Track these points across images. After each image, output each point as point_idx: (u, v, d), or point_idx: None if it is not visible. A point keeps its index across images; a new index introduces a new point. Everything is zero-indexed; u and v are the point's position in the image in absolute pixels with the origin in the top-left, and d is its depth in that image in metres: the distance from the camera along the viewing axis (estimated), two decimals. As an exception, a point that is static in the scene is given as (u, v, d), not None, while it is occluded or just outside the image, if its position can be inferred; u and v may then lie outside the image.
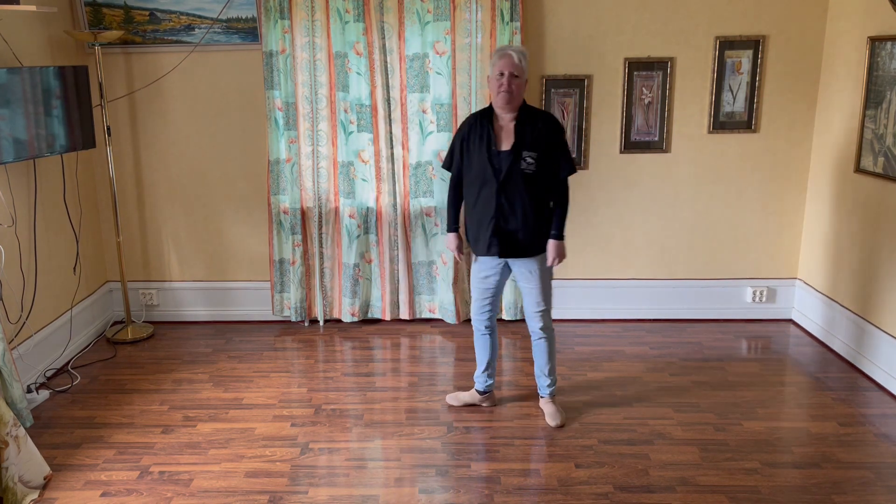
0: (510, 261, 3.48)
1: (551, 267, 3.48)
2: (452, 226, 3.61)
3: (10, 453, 2.99)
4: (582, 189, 4.69)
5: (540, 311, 3.51)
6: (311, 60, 4.45)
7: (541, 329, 3.55)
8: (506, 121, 3.38)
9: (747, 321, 4.88)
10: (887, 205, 3.92)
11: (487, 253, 3.45)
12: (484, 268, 3.54)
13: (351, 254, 4.71)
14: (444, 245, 3.74)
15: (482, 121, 3.41)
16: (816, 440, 3.43)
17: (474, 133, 3.42)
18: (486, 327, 3.64)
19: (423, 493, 3.07)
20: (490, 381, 3.72)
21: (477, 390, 3.75)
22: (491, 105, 3.43)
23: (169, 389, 4.01)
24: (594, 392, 3.91)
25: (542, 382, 3.68)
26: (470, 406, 3.76)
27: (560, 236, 3.42)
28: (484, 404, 3.76)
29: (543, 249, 3.43)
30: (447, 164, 3.58)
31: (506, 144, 3.35)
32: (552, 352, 3.62)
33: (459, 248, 3.66)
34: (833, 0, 4.39)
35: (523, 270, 3.47)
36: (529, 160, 3.30)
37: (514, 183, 3.34)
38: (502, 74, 3.27)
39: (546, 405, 3.67)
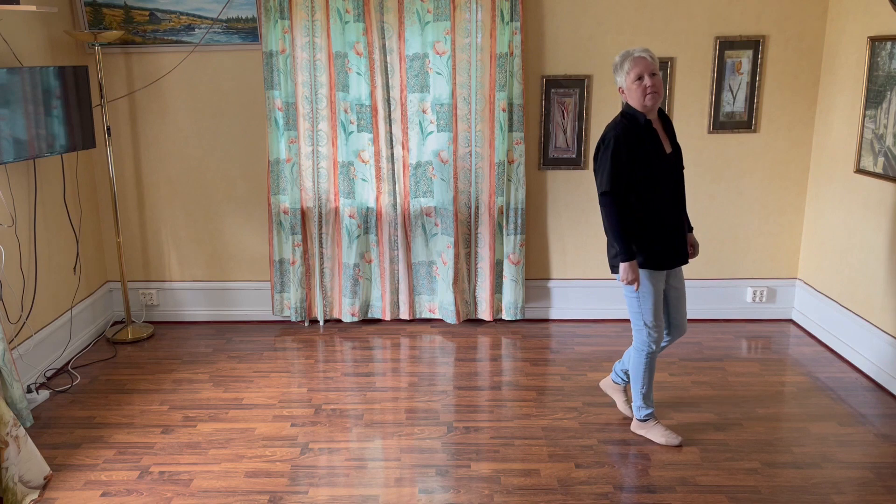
0: (673, 270, 3.35)
1: None
2: (633, 252, 3.18)
3: (10, 453, 2.99)
4: (582, 189, 4.69)
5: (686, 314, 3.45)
6: (311, 60, 4.45)
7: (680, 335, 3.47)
8: (654, 122, 3.24)
9: (747, 321, 4.88)
10: (887, 205, 3.92)
11: (678, 263, 3.27)
12: (658, 283, 3.25)
13: (351, 254, 4.71)
14: (624, 277, 3.18)
15: (637, 128, 3.15)
16: (816, 440, 3.43)
17: (642, 140, 3.15)
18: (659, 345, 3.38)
19: (423, 493, 3.07)
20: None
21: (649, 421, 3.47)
22: (624, 113, 3.21)
23: (169, 389, 4.01)
24: (594, 392, 3.91)
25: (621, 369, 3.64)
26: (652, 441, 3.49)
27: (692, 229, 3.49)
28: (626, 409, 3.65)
29: None
30: (615, 188, 3.13)
31: (666, 147, 3.23)
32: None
33: (638, 276, 3.22)
34: (833, 0, 4.39)
35: (682, 275, 3.40)
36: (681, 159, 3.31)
37: (680, 185, 3.26)
38: (641, 78, 3.10)
39: (618, 393, 3.69)
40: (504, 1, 4.33)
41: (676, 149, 3.29)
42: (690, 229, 3.49)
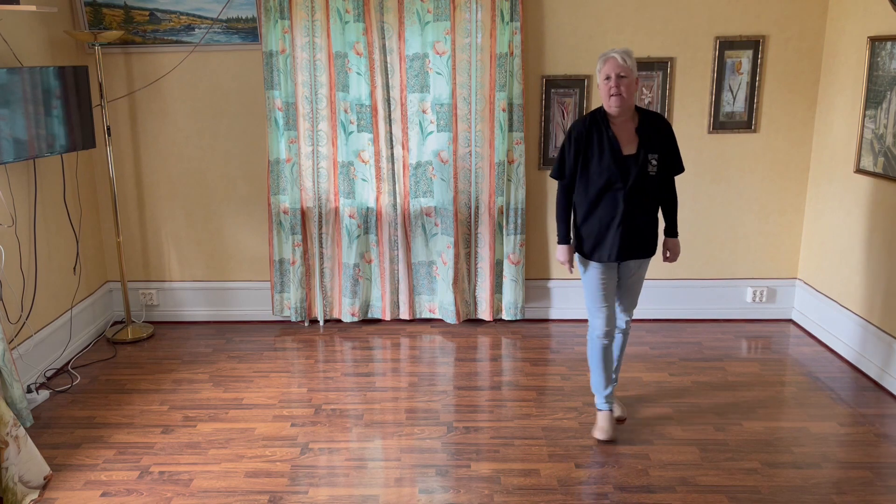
0: (625, 263, 3.43)
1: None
2: (566, 237, 3.43)
3: (10, 453, 2.99)
4: (582, 189, 4.69)
5: (633, 308, 3.55)
6: (311, 60, 4.45)
7: (626, 323, 3.57)
8: (623, 123, 3.28)
9: (747, 321, 4.88)
10: (887, 205, 3.92)
11: (609, 259, 3.35)
12: (604, 274, 3.40)
13: (351, 254, 4.71)
14: (557, 257, 3.59)
15: (598, 126, 3.28)
16: (816, 440, 3.43)
17: (591, 138, 3.29)
18: (611, 335, 3.48)
19: (423, 493, 3.07)
20: (610, 388, 3.55)
21: (610, 411, 3.53)
22: (597, 110, 3.33)
23: (169, 389, 4.01)
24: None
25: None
26: (621, 421, 3.62)
27: (677, 233, 3.50)
28: (623, 416, 3.65)
29: (655, 249, 3.45)
30: (559, 174, 3.39)
31: (629, 148, 3.26)
32: (625, 347, 3.67)
33: (571, 260, 3.47)
34: (833, 0, 4.40)
35: (638, 271, 3.46)
36: (654, 162, 3.27)
37: (639, 186, 3.28)
38: (608, 78, 3.17)
39: None
40: (504, 1, 4.33)
41: (645, 152, 3.26)
42: (673, 234, 3.49)
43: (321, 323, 4.86)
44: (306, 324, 4.89)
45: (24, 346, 3.96)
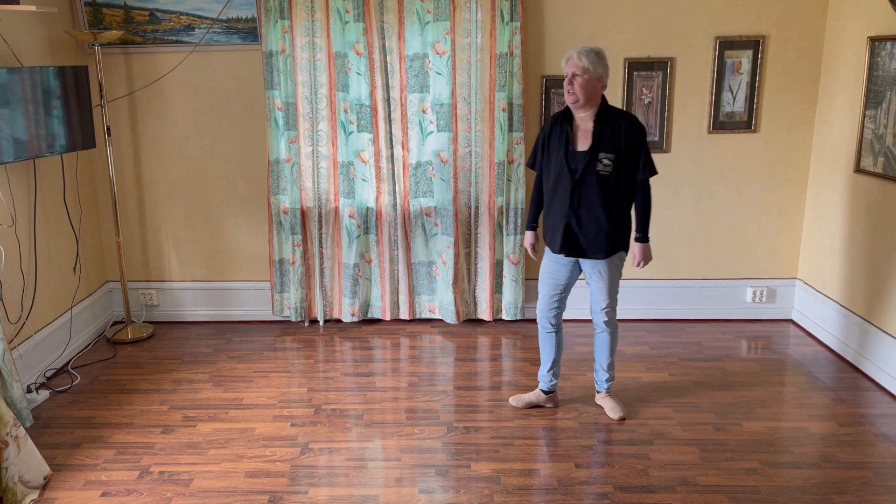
0: (581, 260, 3.49)
1: (621, 267, 3.51)
2: (531, 224, 3.66)
3: (10, 453, 2.99)
4: (582, 189, 4.69)
5: (604, 309, 3.55)
6: (311, 60, 4.45)
7: (604, 324, 3.59)
8: (584, 121, 3.35)
9: (747, 321, 4.88)
10: (887, 205, 3.92)
11: (559, 252, 3.47)
12: (555, 265, 3.54)
13: (351, 254, 4.71)
14: (524, 241, 3.85)
15: (562, 121, 3.41)
16: (816, 440, 3.43)
17: (555, 132, 3.42)
18: (553, 325, 3.65)
19: (423, 493, 3.07)
20: (554, 381, 3.72)
21: (542, 390, 3.74)
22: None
23: (169, 389, 4.01)
24: (594, 392, 3.91)
25: (601, 377, 3.71)
26: (534, 407, 3.74)
27: (645, 238, 3.45)
28: (548, 405, 3.75)
29: (615, 251, 3.43)
30: (531, 163, 3.60)
31: (583, 145, 3.34)
32: (613, 347, 3.65)
33: (534, 247, 3.69)
34: (833, 0, 4.39)
35: (594, 271, 3.48)
36: (606, 162, 3.29)
37: (588, 184, 3.33)
38: (566, 77, 3.29)
39: (604, 400, 3.72)
40: (504, 1, 4.33)
41: (597, 150, 3.29)
42: (641, 239, 3.46)
43: (321, 323, 4.86)
44: (306, 324, 4.89)
45: (24, 346, 3.96)
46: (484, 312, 4.84)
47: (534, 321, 4.88)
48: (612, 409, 3.66)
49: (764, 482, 3.12)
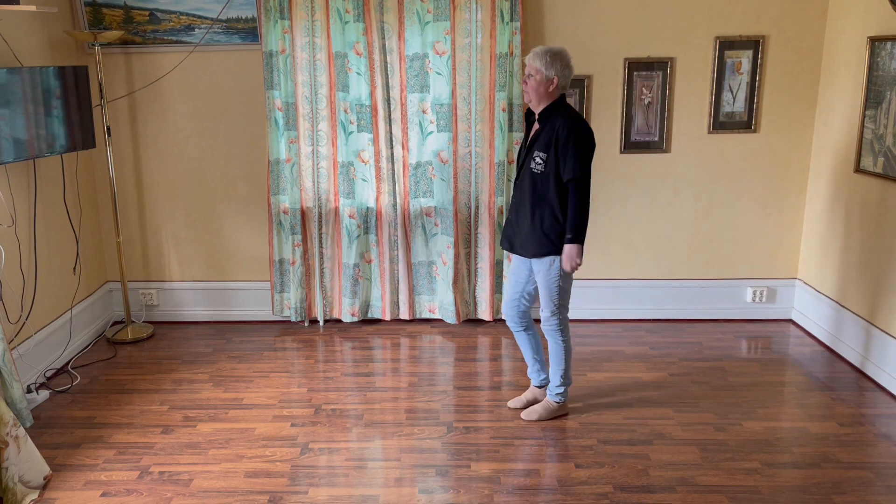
0: (532, 260, 3.49)
1: (559, 276, 3.41)
2: None
3: (10, 453, 2.99)
4: (582, 189, 4.69)
5: (544, 314, 3.52)
6: (311, 60, 4.45)
7: (547, 329, 3.55)
8: (539, 119, 3.43)
9: (747, 321, 4.88)
10: (887, 205, 3.92)
11: (503, 245, 3.61)
12: (515, 263, 3.62)
13: (351, 254, 4.71)
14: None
15: (527, 118, 3.55)
16: (816, 440, 3.43)
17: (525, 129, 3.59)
18: (518, 324, 3.66)
19: (423, 493, 3.07)
20: (543, 375, 3.74)
21: (535, 386, 3.76)
22: None
23: (169, 389, 4.01)
24: (594, 392, 3.91)
25: (554, 381, 3.62)
26: (534, 403, 3.73)
27: (574, 240, 3.31)
28: (545, 397, 3.74)
29: (545, 253, 3.39)
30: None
31: (530, 143, 3.45)
32: (561, 356, 3.55)
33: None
34: (833, 0, 4.39)
35: (536, 271, 3.49)
36: (538, 160, 3.34)
37: (524, 181, 3.42)
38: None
39: (543, 403, 3.68)
40: (504, 1, 4.33)
41: (531, 149, 3.38)
42: (568, 240, 3.31)
43: (321, 323, 4.86)
44: (306, 324, 4.89)
45: (24, 346, 3.96)
46: (484, 312, 4.84)
47: (534, 322, 4.87)
48: (532, 412, 3.62)
49: (764, 482, 3.12)
